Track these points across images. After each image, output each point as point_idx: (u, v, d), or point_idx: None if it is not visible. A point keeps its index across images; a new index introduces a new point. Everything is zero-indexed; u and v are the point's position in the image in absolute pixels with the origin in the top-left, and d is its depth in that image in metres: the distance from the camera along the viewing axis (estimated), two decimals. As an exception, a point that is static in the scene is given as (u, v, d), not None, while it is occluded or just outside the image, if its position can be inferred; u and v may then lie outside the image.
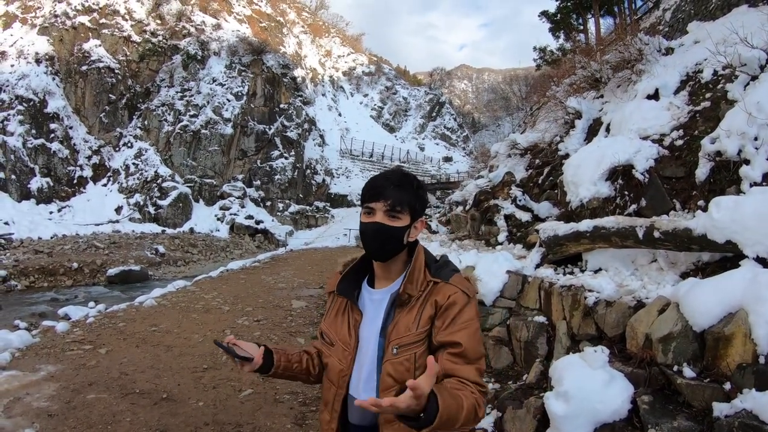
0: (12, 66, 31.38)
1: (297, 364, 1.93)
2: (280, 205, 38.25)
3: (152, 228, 30.41)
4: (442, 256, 1.90)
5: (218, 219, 33.93)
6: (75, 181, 31.74)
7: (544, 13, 22.39)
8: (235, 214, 34.49)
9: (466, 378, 1.59)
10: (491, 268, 6.08)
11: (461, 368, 1.62)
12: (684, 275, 4.34)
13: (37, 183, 29.42)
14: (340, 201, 44.26)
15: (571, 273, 5.52)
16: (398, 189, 1.73)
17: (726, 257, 4.07)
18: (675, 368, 3.42)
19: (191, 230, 31.73)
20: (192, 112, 36.03)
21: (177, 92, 36.88)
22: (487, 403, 1.68)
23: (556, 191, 7.94)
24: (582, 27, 22.19)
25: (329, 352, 1.86)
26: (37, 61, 32.38)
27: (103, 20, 35.93)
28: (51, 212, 29.18)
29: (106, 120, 34.51)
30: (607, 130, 7.46)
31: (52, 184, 30.22)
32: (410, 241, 1.79)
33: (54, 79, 32.91)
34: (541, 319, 5.38)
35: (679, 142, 5.85)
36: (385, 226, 1.72)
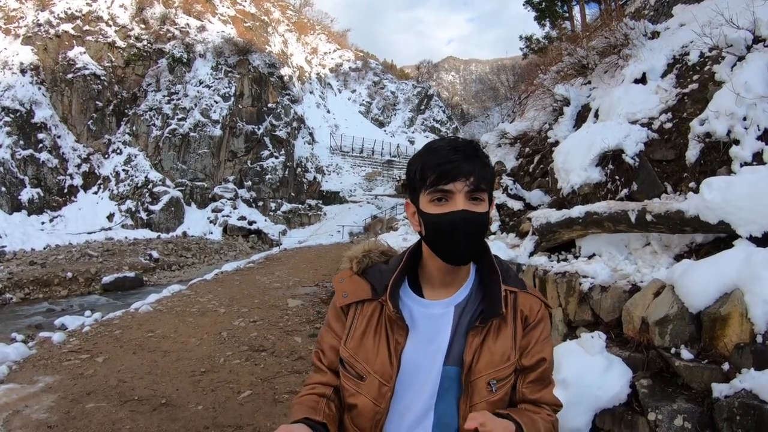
0: (-4, 77, 31.09)
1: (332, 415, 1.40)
2: (273, 205, 38.09)
3: (145, 234, 30.23)
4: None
5: (211, 221, 33.77)
6: (65, 191, 31.48)
7: (529, 2, 22.31)
8: (227, 216, 34.30)
9: (545, 402, 1.43)
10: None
11: (541, 395, 1.42)
12: (678, 257, 4.35)
13: (27, 194, 29.18)
14: (332, 198, 44.11)
15: (565, 260, 5.52)
16: (475, 161, 1.27)
17: (719, 238, 4.08)
18: (672, 351, 3.43)
19: (184, 234, 31.53)
20: (180, 116, 35.72)
21: (164, 96, 36.56)
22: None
23: (547, 179, 7.94)
24: (567, 14, 22.12)
25: (356, 388, 1.36)
26: (22, 71, 32.03)
27: (86, 27, 35.48)
28: (43, 223, 28.96)
29: (94, 127, 34.20)
30: (596, 115, 7.46)
31: (42, 194, 29.97)
32: None
33: (40, 88, 32.55)
34: (537, 307, 5.37)
35: (669, 125, 5.85)
36: (475, 214, 1.26)
